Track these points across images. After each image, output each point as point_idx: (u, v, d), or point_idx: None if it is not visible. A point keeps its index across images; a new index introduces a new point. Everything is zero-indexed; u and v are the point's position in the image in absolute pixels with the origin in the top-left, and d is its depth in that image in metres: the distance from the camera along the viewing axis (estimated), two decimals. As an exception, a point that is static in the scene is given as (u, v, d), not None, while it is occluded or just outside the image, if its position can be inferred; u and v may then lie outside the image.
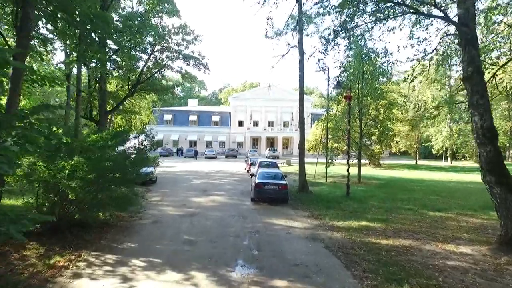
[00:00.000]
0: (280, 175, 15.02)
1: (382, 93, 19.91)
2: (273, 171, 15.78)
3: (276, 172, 15.38)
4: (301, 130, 16.59)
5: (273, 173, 15.30)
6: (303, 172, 16.54)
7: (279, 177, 14.74)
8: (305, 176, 16.73)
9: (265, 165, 21.16)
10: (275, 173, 15.24)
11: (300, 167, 16.58)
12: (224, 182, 20.97)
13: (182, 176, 23.88)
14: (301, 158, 16.61)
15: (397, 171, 31.19)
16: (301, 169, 16.56)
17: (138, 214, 11.83)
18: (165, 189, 17.91)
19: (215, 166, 33.16)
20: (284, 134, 56.90)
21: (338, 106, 22.25)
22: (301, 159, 16.62)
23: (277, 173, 15.29)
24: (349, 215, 12.18)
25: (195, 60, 21.91)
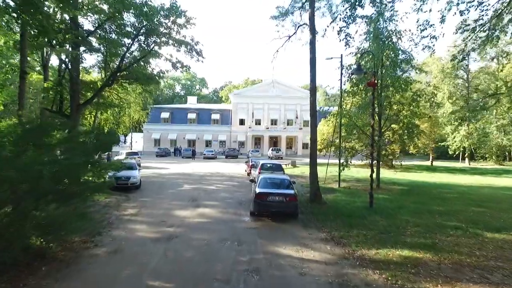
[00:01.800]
0: (286, 181, 11.89)
1: (407, 83, 16.71)
2: (278, 177, 12.65)
3: (281, 178, 12.26)
4: (313, 125, 13.46)
5: (278, 179, 12.17)
6: (315, 177, 13.40)
7: (286, 185, 11.62)
8: (317, 182, 13.59)
9: (267, 167, 18.04)
10: (281, 180, 12.12)
11: (312, 170, 13.45)
12: (219, 188, 17.86)
13: (173, 180, 20.80)
14: (313, 159, 13.47)
15: (415, 174, 27.91)
16: (312, 173, 13.43)
17: (97, 236, 8.73)
18: (147, 197, 14.84)
19: (212, 168, 30.07)
20: (288, 133, 53.71)
21: (354, 99, 19.06)
22: (312, 160, 13.48)
23: (283, 179, 12.16)
24: (381, 238, 9.06)
25: (186, 46, 18.80)
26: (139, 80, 16.86)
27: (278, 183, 11.76)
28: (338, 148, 19.76)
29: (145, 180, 20.30)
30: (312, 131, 13.41)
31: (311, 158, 13.46)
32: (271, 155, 44.67)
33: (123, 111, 26.66)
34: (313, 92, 13.32)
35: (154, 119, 56.34)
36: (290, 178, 12.65)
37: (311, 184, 13.45)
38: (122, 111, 25.71)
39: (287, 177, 12.79)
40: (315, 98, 13.39)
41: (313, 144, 13.43)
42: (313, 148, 13.45)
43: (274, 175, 13.44)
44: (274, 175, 13.21)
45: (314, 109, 13.35)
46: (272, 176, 12.76)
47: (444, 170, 32.39)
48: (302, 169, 30.10)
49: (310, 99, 13.36)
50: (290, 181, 12.03)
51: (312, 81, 13.36)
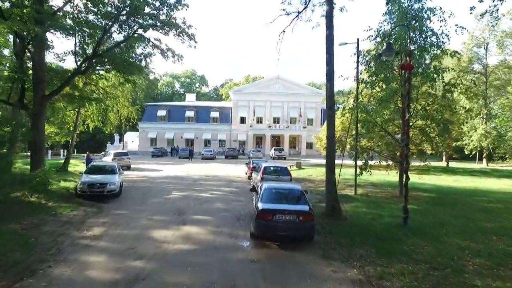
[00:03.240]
0: (297, 192, 9.08)
1: (437, 71, 13.86)
2: (286, 186, 9.83)
3: (291, 188, 9.44)
4: (330, 119, 10.62)
5: (286, 189, 9.37)
6: (332, 185, 10.57)
7: (297, 197, 8.82)
8: (336, 192, 10.76)
9: (271, 171, 15.24)
10: (290, 190, 9.33)
11: (329, 177, 10.62)
12: (214, 196, 15.05)
13: (162, 185, 18.02)
14: (330, 162, 10.63)
15: (433, 177, 24.95)
16: (329, 181, 10.60)
17: (26, 279, 5.99)
18: (124, 209, 12.06)
19: (210, 170, 27.28)
20: (291, 132, 50.81)
21: (372, 91, 16.19)
22: (329, 164, 10.64)
23: (292, 189, 9.35)
24: (438, 279, 6.30)
25: (176, 29, 16.02)
26: (117, 67, 14.05)
27: (287, 194, 8.96)
28: (355, 148, 16.90)
29: (129, 185, 17.58)
30: (329, 126, 10.58)
31: (328, 160, 10.62)
32: (274, 155, 41.85)
33: (107, 105, 23.78)
34: (330, 77, 10.48)
35: (150, 117, 53.64)
36: (302, 189, 9.84)
37: (327, 193, 10.63)
38: (105, 105, 22.76)
39: (298, 185, 9.96)
40: (333, 84, 10.54)
41: (330, 142, 10.59)
42: (330, 147, 10.61)
43: (281, 184, 10.59)
44: (281, 184, 10.36)
45: (332, 99, 10.51)
46: (279, 185, 9.93)
47: (463, 172, 29.45)
48: (309, 171, 27.31)
49: (327, 86, 10.54)
50: (301, 191, 9.21)
51: (329, 63, 10.53)
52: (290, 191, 9.21)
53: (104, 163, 16.38)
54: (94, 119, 24.66)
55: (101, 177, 14.29)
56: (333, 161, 10.59)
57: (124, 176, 21.83)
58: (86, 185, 13.48)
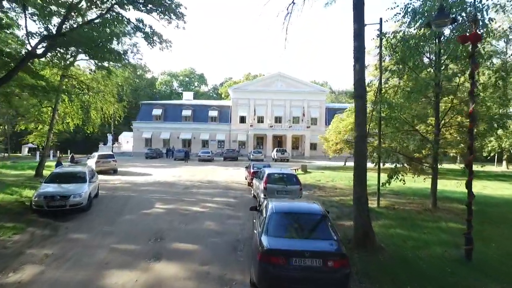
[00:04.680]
0: (318, 217, 6.22)
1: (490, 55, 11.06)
2: (302, 207, 6.89)
3: (308, 211, 6.54)
4: (360, 111, 7.71)
5: (301, 212, 6.50)
6: (363, 203, 7.65)
7: (319, 226, 5.99)
8: (368, 212, 7.83)
9: (276, 179, 12.34)
10: (307, 213, 6.46)
11: (358, 192, 7.70)
12: (206, 210, 12.15)
13: (145, 194, 15.16)
14: (360, 172, 7.70)
15: (457, 182, 22.01)
16: (359, 197, 7.68)
17: None
18: (85, 231, 9.20)
19: (205, 174, 24.40)
20: (294, 132, 47.87)
21: (402, 80, 13.33)
22: (359, 174, 7.71)
23: (310, 212, 6.47)
24: None
25: (160, 5, 13.17)
26: (86, 49, 11.19)
27: (304, 221, 6.11)
28: (378, 151, 13.97)
29: (107, 194, 14.75)
30: (358, 122, 7.69)
31: (357, 170, 7.71)
32: (276, 156, 38.99)
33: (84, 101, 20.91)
34: (359, 55, 7.58)
35: (145, 116, 50.82)
36: (321, 206, 6.94)
37: (357, 214, 7.72)
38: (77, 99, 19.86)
39: (316, 204, 7.03)
40: (363, 66, 7.66)
41: (360, 145, 7.69)
42: (359, 152, 7.71)
43: (294, 202, 7.61)
44: (294, 203, 7.40)
45: (362, 84, 7.64)
46: (291, 205, 7.02)
47: (487, 176, 26.44)
48: (315, 175, 24.42)
49: (355, 68, 7.64)
50: (324, 214, 6.32)
51: (357, 36, 7.66)
52: (309, 215, 6.34)
53: (71, 169, 13.54)
54: (74, 116, 21.80)
55: (64, 187, 11.45)
56: (364, 171, 7.71)
57: (105, 182, 19.05)
58: (43, 197, 10.63)
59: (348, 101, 75.67)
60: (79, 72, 20.98)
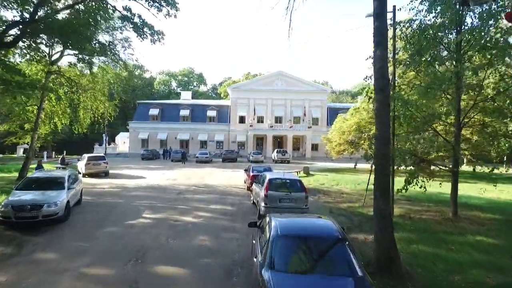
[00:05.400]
0: (335, 242, 4.84)
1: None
2: (314, 228, 5.46)
3: (322, 234, 5.14)
4: (382, 107, 6.33)
5: (314, 236, 5.08)
6: (387, 220, 6.28)
7: (337, 255, 4.63)
8: (392, 232, 6.43)
9: (279, 186, 10.93)
10: (321, 235, 5.08)
11: (381, 205, 6.31)
12: (199, 221, 10.75)
13: (134, 201, 13.77)
14: (383, 181, 6.33)
15: (469, 185, 20.67)
16: (381, 212, 6.30)
17: None
18: (55, 249, 7.82)
19: (202, 177, 23.03)
20: (295, 133, 46.44)
21: (419, 74, 11.95)
22: (381, 184, 6.34)
23: (324, 235, 5.08)
24: None
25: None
26: (57, 34, 9.80)
27: (318, 249, 4.74)
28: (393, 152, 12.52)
29: (92, 201, 13.40)
30: (380, 121, 6.32)
31: (379, 178, 6.33)
32: (276, 158, 37.61)
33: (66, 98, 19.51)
34: (381, 32, 6.23)
35: (141, 116, 49.40)
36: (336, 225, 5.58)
37: (378, 234, 6.33)
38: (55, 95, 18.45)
39: (330, 222, 5.63)
40: (386, 49, 6.31)
41: (382, 147, 6.31)
42: (382, 157, 6.33)
43: (304, 220, 6.11)
44: (303, 220, 5.95)
45: (385, 73, 6.27)
46: (299, 224, 5.61)
47: (500, 179, 25.00)
48: (319, 178, 23.04)
49: (375, 52, 6.28)
50: (341, 236, 4.96)
51: (380, 3, 6.28)
52: (323, 239, 4.95)
53: (49, 174, 12.15)
54: (62, 116, 20.40)
55: (37, 195, 10.06)
56: (388, 180, 6.35)
57: (93, 186, 17.68)
58: (10, 207, 9.24)
59: (349, 101, 74.47)
60: (67, 68, 19.58)
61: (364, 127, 25.79)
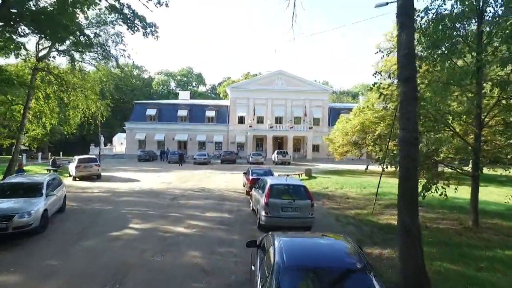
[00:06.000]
0: (356, 272, 3.79)
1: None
2: (327, 252, 4.40)
3: (340, 260, 4.09)
4: (408, 101, 5.23)
5: (330, 265, 3.98)
6: (414, 238, 5.15)
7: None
8: (421, 250, 5.30)
9: (281, 192, 9.81)
10: (339, 266, 3.99)
11: (407, 221, 5.18)
12: (192, 232, 9.63)
13: (123, 207, 12.65)
14: (408, 193, 5.23)
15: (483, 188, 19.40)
16: (408, 229, 5.17)
17: None
18: (20, 269, 6.71)
19: (199, 179, 21.92)
20: (296, 133, 45.35)
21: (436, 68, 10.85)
22: (406, 196, 5.23)
23: (344, 263, 4.03)
24: None
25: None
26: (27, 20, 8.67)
27: (335, 285, 3.63)
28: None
29: (76, 208, 12.33)
30: (406, 116, 5.22)
31: (405, 186, 5.22)
32: (276, 159, 36.50)
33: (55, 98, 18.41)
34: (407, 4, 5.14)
35: (138, 116, 48.31)
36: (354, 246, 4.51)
37: (405, 255, 5.21)
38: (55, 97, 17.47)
39: (348, 245, 4.55)
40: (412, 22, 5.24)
41: (409, 150, 5.18)
42: (409, 160, 5.20)
43: (314, 242, 4.91)
44: (315, 245, 4.72)
45: (411, 56, 5.18)
46: (310, 249, 4.50)
47: (507, 182, 23.91)
48: (322, 181, 21.92)
49: (402, 36, 5.18)
50: (363, 265, 3.87)
51: None
52: (342, 271, 3.85)
53: (26, 179, 11.02)
54: (51, 116, 19.27)
55: (9, 203, 8.95)
56: (415, 189, 5.26)
57: (83, 190, 16.56)
58: (-25, 218, 8.12)
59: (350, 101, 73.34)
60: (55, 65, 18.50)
61: (368, 128, 24.74)
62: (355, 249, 4.40)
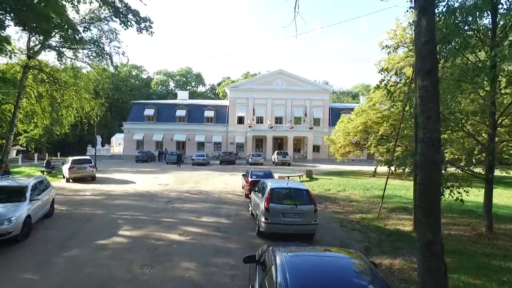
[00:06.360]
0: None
1: None
2: (340, 274, 3.75)
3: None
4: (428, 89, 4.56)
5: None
6: (438, 254, 4.47)
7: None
8: (444, 268, 4.63)
9: (282, 197, 9.13)
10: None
11: (426, 231, 4.52)
12: (186, 240, 8.95)
13: (114, 211, 11.96)
14: (430, 196, 4.54)
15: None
16: (429, 240, 4.49)
17: None
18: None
19: (197, 181, 21.22)
20: (296, 134, 44.63)
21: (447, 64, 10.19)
22: (427, 198, 4.54)
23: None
24: None
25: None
26: None
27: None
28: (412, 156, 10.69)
29: (65, 212, 11.67)
30: (427, 114, 4.52)
31: (425, 194, 4.54)
32: (276, 160, 35.79)
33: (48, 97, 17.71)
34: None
35: (136, 117, 47.59)
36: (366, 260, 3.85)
37: (425, 274, 4.52)
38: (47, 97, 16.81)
39: (363, 263, 3.89)
40: (433, 6, 4.60)
41: (430, 153, 4.47)
42: (430, 164, 4.49)
43: (322, 260, 4.23)
44: (324, 265, 4.05)
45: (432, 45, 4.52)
46: (319, 269, 3.84)
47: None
48: (323, 182, 21.24)
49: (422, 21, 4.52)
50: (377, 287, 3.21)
51: None
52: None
53: (9, 183, 10.30)
54: (44, 116, 18.57)
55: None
56: (438, 197, 4.57)
57: (75, 193, 15.88)
58: None
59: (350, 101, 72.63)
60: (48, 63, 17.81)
61: (371, 128, 24.09)
62: (370, 269, 3.74)
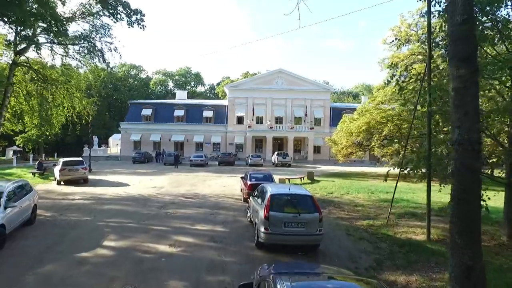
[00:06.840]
0: None
1: None
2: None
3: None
4: (465, 79, 3.75)
5: None
6: (481, 280, 3.64)
7: None
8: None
9: (283, 204, 8.27)
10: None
11: (465, 253, 3.72)
12: (177, 252, 8.07)
13: (102, 218, 11.09)
14: (468, 211, 3.72)
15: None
16: (468, 265, 3.71)
17: None
18: None
19: (194, 183, 20.35)
20: (296, 134, 43.73)
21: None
22: (465, 212, 3.72)
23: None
24: None
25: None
26: None
27: None
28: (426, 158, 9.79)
29: (49, 218, 10.84)
30: (463, 110, 3.71)
31: (462, 208, 3.73)
32: (276, 161, 34.93)
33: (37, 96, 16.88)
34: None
35: (134, 117, 46.68)
36: None
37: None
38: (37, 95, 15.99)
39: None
40: None
41: (468, 156, 3.67)
42: (466, 170, 3.70)
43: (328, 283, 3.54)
44: None
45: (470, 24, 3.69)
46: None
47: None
48: (325, 184, 20.40)
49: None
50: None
51: None
52: None
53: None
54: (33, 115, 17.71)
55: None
56: (477, 212, 3.74)
57: (64, 197, 15.00)
58: None
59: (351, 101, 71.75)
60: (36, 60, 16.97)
61: (375, 128, 23.21)
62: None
